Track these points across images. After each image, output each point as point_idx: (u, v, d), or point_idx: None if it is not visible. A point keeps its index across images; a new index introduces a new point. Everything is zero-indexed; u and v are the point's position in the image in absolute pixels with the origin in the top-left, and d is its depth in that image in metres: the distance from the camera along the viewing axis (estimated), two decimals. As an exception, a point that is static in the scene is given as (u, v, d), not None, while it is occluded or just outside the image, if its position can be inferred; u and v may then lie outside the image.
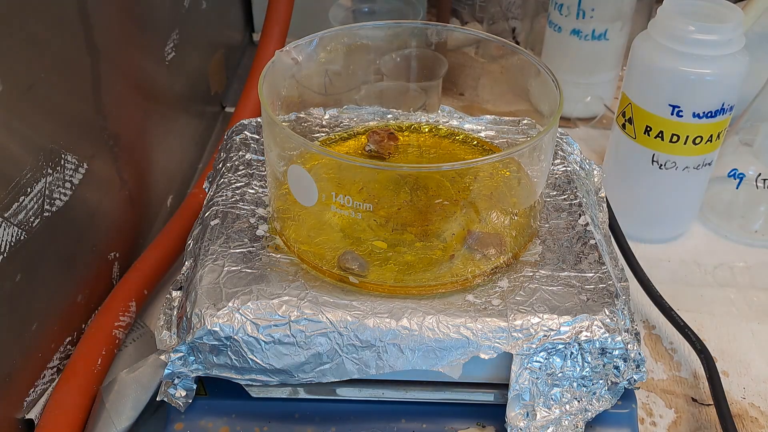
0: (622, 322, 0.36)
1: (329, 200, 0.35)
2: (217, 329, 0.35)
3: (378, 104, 0.47)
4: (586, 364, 0.36)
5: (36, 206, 0.40)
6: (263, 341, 0.35)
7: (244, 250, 0.39)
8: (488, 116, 0.49)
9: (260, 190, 0.43)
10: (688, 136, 0.52)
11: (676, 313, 0.48)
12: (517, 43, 0.82)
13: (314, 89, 0.70)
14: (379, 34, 0.44)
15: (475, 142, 0.46)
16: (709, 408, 0.46)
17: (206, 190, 0.47)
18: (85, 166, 0.46)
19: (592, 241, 0.40)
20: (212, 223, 0.41)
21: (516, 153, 0.35)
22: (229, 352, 0.35)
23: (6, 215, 0.38)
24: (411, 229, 0.37)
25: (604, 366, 0.36)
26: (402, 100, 0.61)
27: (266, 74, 0.38)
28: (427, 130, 0.46)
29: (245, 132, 0.48)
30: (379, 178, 0.37)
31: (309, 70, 0.43)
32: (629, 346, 0.36)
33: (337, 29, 0.41)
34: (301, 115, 0.50)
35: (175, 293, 0.39)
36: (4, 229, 0.38)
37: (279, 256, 0.38)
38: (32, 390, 0.42)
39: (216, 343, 0.35)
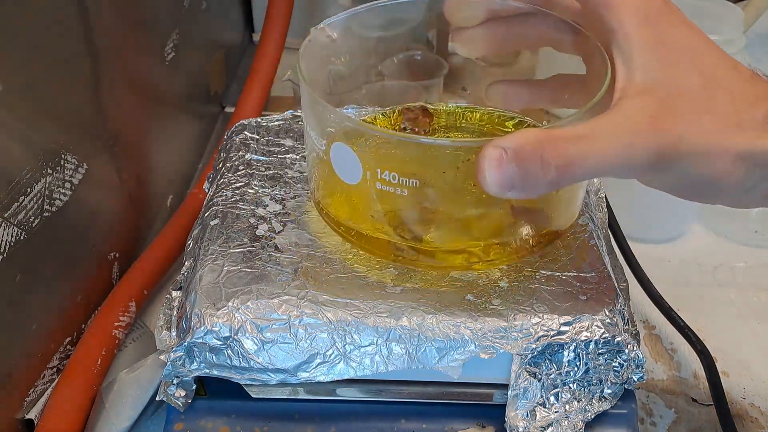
0: (622, 323, 0.36)
1: (374, 177, 0.34)
2: (216, 329, 0.35)
3: (378, 104, 0.47)
4: (585, 364, 0.36)
5: (36, 206, 0.40)
6: (263, 341, 0.35)
7: (244, 249, 0.39)
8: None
9: (260, 190, 0.43)
10: (688, 136, 0.52)
11: (676, 313, 0.48)
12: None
13: (319, 88, 0.70)
14: (413, 9, 0.43)
15: (514, 118, 0.45)
16: (709, 408, 0.46)
17: (206, 190, 0.47)
18: (85, 166, 0.46)
19: (592, 241, 0.40)
20: (212, 223, 0.41)
21: (577, 117, 0.33)
22: (229, 352, 0.35)
23: (6, 215, 0.38)
24: (457, 206, 0.36)
25: (603, 366, 0.36)
26: (403, 99, 0.61)
27: (304, 52, 0.37)
28: (461, 110, 0.46)
29: (245, 132, 0.48)
30: (424, 156, 0.36)
31: (345, 49, 0.42)
32: (629, 346, 0.36)
33: (370, 5, 0.41)
34: (298, 114, 0.50)
35: (174, 293, 0.39)
36: (4, 229, 0.38)
37: (279, 255, 0.38)
38: (32, 390, 0.42)
39: (216, 342, 0.35)
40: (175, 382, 0.36)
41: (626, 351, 0.36)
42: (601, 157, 0.30)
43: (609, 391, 0.37)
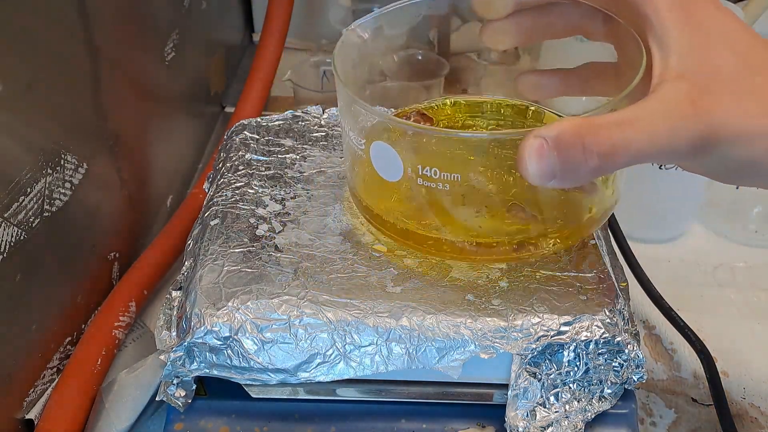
0: (622, 323, 0.36)
1: (416, 173, 0.34)
2: (216, 329, 0.35)
3: (379, 103, 0.47)
4: (585, 364, 0.36)
5: (36, 206, 0.40)
6: (263, 341, 0.35)
7: (244, 249, 0.39)
8: None
9: (260, 190, 0.43)
10: (688, 136, 0.52)
11: (676, 313, 0.48)
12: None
13: (310, 87, 0.70)
14: (439, 5, 0.43)
15: (532, 108, 0.45)
16: (709, 408, 0.46)
17: (206, 190, 0.47)
18: (85, 166, 0.46)
19: (592, 241, 0.40)
20: (212, 223, 0.41)
21: (612, 104, 0.33)
22: (229, 352, 0.35)
23: (6, 215, 0.38)
24: (498, 199, 0.37)
25: (603, 366, 0.36)
26: (404, 99, 0.61)
27: (338, 53, 0.38)
28: (489, 105, 0.46)
29: (245, 132, 0.48)
30: (465, 150, 0.36)
31: (376, 48, 0.43)
32: (629, 346, 0.36)
33: (399, 4, 0.41)
34: (298, 114, 0.50)
35: (174, 293, 0.39)
36: (4, 229, 0.38)
37: (279, 255, 0.38)
38: (32, 390, 0.42)
39: (216, 342, 0.35)
40: (175, 382, 0.36)
41: (626, 351, 0.36)
42: (645, 143, 0.30)
43: (609, 391, 0.37)
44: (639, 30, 0.34)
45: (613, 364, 0.36)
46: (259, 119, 0.49)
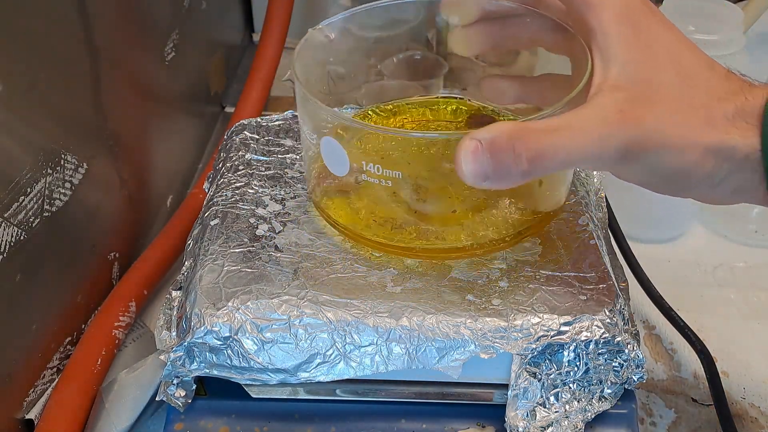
0: (622, 323, 0.36)
1: (360, 169, 0.35)
2: (216, 329, 0.35)
3: (379, 103, 0.47)
4: (585, 364, 0.36)
5: (36, 206, 0.40)
6: (263, 341, 0.35)
7: (244, 249, 0.39)
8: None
9: (260, 189, 0.43)
10: (688, 136, 0.52)
11: (676, 313, 0.48)
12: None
13: (318, 89, 0.70)
14: (411, 10, 0.44)
15: (496, 111, 0.46)
16: (709, 408, 0.46)
17: (206, 190, 0.47)
18: (85, 166, 0.46)
19: (592, 241, 0.40)
20: (212, 223, 0.41)
21: (552, 111, 0.34)
22: (229, 352, 0.35)
23: (6, 215, 0.38)
24: (439, 194, 0.37)
25: (603, 366, 0.36)
26: (402, 99, 0.61)
27: (299, 52, 0.39)
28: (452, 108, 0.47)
29: (245, 132, 0.48)
30: (407, 148, 0.38)
31: (343, 49, 0.43)
32: (629, 346, 0.36)
33: (369, 5, 0.41)
34: (298, 114, 0.50)
35: (174, 293, 0.39)
36: (4, 229, 0.38)
37: (279, 255, 0.38)
38: (32, 390, 0.42)
39: (216, 342, 0.35)
40: (175, 382, 0.36)
41: (626, 351, 0.36)
42: (572, 149, 0.31)
43: (609, 391, 0.37)
44: (587, 42, 0.35)
45: (613, 364, 0.36)
46: (259, 119, 0.49)
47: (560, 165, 0.32)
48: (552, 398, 0.36)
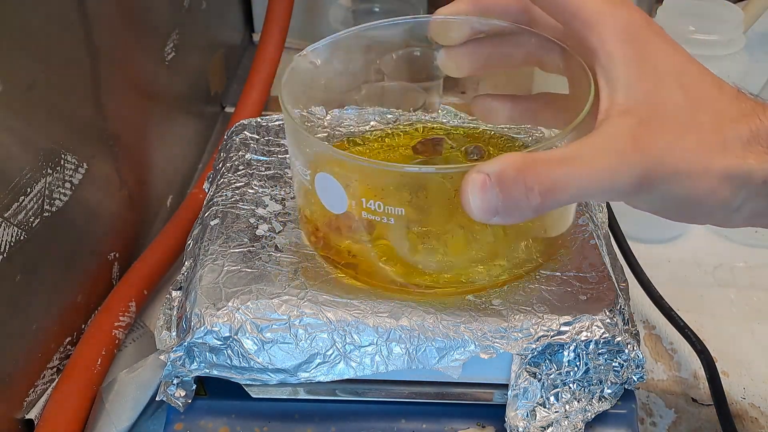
0: (622, 323, 0.36)
1: (359, 207, 0.33)
2: (216, 329, 0.35)
3: (379, 104, 0.47)
4: (585, 364, 0.36)
5: (36, 206, 0.40)
6: (263, 341, 0.35)
7: (244, 249, 0.39)
8: None
9: (260, 190, 0.43)
10: (688, 136, 0.52)
11: (676, 313, 0.48)
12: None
13: (317, 89, 0.70)
14: (396, 31, 0.43)
15: (505, 139, 0.44)
16: (709, 408, 0.46)
17: (206, 190, 0.47)
18: (85, 166, 0.46)
19: (592, 241, 0.40)
20: (212, 223, 0.41)
21: (559, 138, 0.33)
22: (229, 352, 0.35)
23: (6, 215, 0.38)
24: (446, 233, 0.35)
25: (603, 366, 0.36)
26: (402, 100, 0.61)
27: (287, 80, 0.37)
28: (462, 132, 0.45)
29: (245, 132, 0.48)
30: (411, 183, 0.35)
31: (328, 74, 0.42)
32: (629, 346, 0.36)
33: (354, 29, 0.40)
34: (304, 114, 0.50)
35: (174, 293, 0.39)
36: (4, 229, 0.38)
37: (279, 255, 0.38)
38: (32, 390, 0.42)
39: (216, 342, 0.35)
40: (175, 382, 0.36)
41: (626, 351, 0.36)
42: (586, 181, 0.29)
43: (609, 391, 0.37)
44: (589, 63, 0.33)
45: (613, 364, 0.36)
46: (259, 119, 0.49)
47: (574, 198, 0.30)
48: (552, 398, 0.36)
